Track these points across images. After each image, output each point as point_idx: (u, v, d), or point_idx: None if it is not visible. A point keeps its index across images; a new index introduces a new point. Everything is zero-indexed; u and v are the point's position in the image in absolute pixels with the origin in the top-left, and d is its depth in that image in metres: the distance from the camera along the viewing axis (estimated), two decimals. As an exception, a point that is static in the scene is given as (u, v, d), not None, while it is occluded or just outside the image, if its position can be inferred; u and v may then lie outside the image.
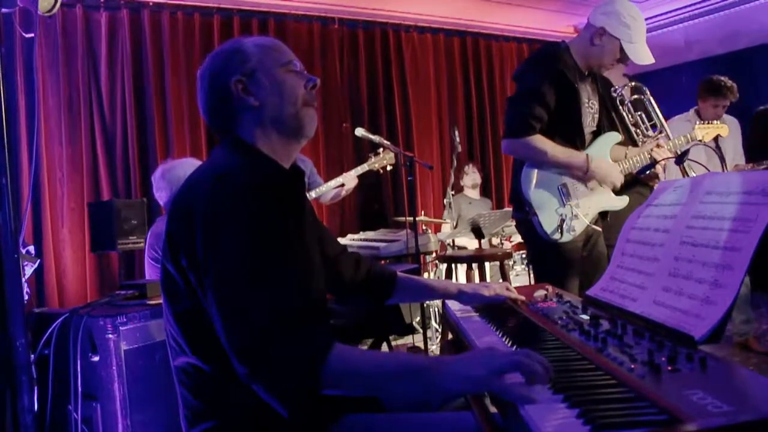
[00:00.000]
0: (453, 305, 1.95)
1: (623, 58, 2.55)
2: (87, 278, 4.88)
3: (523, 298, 1.82)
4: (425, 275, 4.95)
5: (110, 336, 2.11)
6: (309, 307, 1.21)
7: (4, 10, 1.84)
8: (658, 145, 2.71)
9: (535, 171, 2.56)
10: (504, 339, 1.49)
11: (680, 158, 2.42)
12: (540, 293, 1.88)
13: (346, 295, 1.82)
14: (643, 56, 2.56)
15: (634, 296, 1.50)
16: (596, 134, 2.73)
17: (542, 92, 2.49)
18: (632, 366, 1.07)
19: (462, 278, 4.67)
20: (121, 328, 2.15)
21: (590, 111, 2.67)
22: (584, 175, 2.57)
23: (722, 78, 4.16)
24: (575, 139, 2.61)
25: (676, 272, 1.38)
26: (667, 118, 4.24)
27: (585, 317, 1.51)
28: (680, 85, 5.96)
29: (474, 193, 5.99)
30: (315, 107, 1.48)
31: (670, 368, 1.04)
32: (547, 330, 1.45)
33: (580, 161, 2.55)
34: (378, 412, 1.48)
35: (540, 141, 2.50)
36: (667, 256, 1.44)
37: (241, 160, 1.37)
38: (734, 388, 0.96)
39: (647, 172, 2.60)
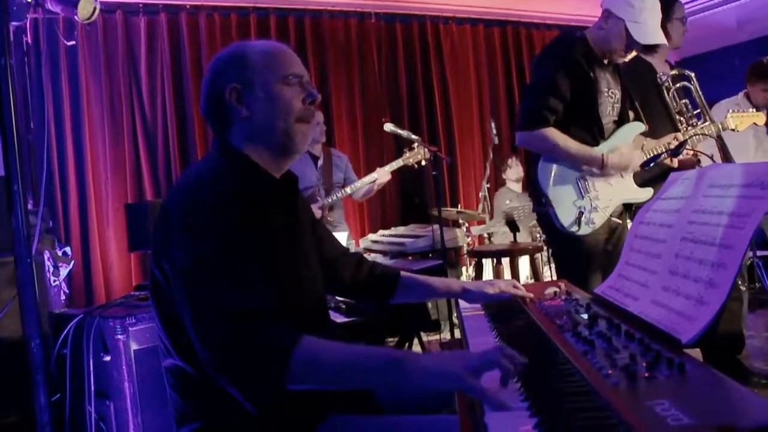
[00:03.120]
0: (464, 302, 1.93)
1: (631, 42, 2.42)
2: (132, 276, 5.03)
3: (531, 295, 1.78)
4: (463, 270, 4.89)
5: (120, 336, 2.17)
6: (278, 306, 1.21)
7: (14, 23, 1.91)
8: (675, 137, 2.59)
9: (553, 163, 2.48)
10: (497, 339, 1.46)
11: (675, 151, 2.31)
12: (550, 291, 1.83)
13: (347, 296, 1.82)
14: (649, 36, 2.42)
15: (637, 295, 1.44)
16: (619, 124, 2.63)
17: (556, 83, 2.42)
18: (609, 372, 1.02)
19: (490, 273, 4.57)
20: (130, 328, 2.20)
21: (610, 100, 2.57)
22: (601, 172, 2.49)
23: None
24: (593, 128, 2.52)
25: (675, 270, 1.32)
26: (716, 102, 4.06)
27: (584, 317, 1.45)
28: (732, 67, 5.69)
29: (517, 186, 5.88)
30: (310, 123, 1.45)
31: (646, 375, 0.99)
32: (541, 331, 1.41)
33: (595, 158, 2.47)
34: (367, 412, 1.47)
35: (554, 134, 2.43)
36: (668, 253, 1.38)
37: (226, 167, 1.37)
38: (704, 398, 0.90)
39: (652, 163, 2.47)
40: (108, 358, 2.20)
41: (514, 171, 5.90)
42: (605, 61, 2.55)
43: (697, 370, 0.98)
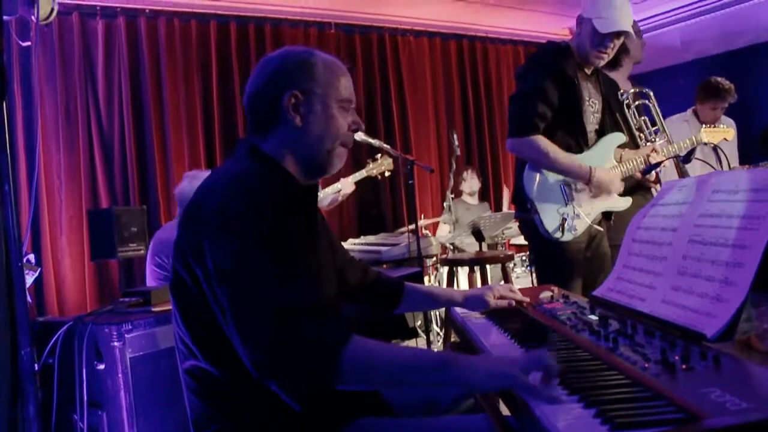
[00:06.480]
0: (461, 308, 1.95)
1: (599, 37, 2.48)
2: (86, 286, 4.84)
3: (527, 299, 1.82)
4: (426, 278, 4.94)
5: (116, 343, 2.09)
6: (323, 303, 1.21)
7: (5, 17, 1.83)
8: (654, 150, 2.69)
9: (538, 171, 2.55)
10: (512, 340, 1.48)
11: (687, 157, 2.41)
12: (546, 294, 1.88)
13: (353, 302, 1.81)
14: (609, 25, 2.45)
15: (643, 296, 1.50)
16: (599, 134, 2.71)
17: (545, 89, 2.48)
18: (646, 365, 1.07)
19: (463, 281, 4.65)
20: (126, 335, 2.13)
21: (591, 109, 2.64)
22: (586, 185, 2.56)
23: (720, 80, 4.16)
24: (577, 136, 2.59)
25: (684, 271, 1.38)
26: (664, 118, 4.26)
27: (594, 317, 1.50)
28: (677, 85, 5.95)
29: (472, 199, 5.95)
30: (348, 149, 1.47)
31: (684, 367, 1.04)
32: (556, 330, 1.45)
33: (583, 171, 2.53)
34: (388, 416, 1.47)
35: (544, 143, 2.48)
36: (675, 255, 1.44)
37: (257, 167, 1.37)
38: (751, 385, 0.96)
39: (652, 170, 2.57)
40: (102, 367, 2.12)
41: (468, 184, 5.94)
42: (588, 71, 2.64)
43: (732, 361, 1.04)
